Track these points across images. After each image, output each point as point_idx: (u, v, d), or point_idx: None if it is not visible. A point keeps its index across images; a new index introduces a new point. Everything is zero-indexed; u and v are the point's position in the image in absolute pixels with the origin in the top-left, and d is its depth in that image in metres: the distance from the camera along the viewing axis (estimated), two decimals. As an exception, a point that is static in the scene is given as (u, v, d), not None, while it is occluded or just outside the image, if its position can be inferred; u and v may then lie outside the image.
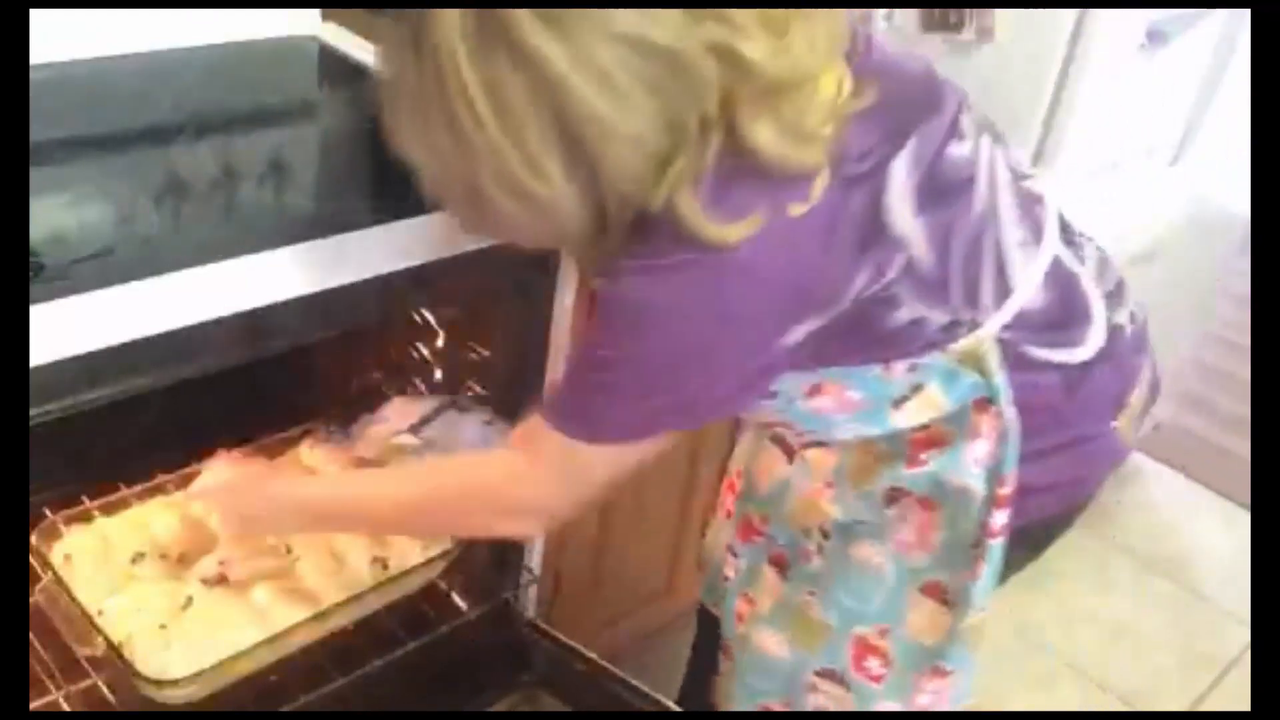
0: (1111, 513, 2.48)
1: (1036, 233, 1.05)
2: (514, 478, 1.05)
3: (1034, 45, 1.84)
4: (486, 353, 1.47)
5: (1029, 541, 1.16)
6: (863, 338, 0.97)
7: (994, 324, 1.01)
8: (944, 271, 0.96)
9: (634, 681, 1.37)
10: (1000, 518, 1.05)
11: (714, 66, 0.82)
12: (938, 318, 0.98)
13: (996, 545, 1.06)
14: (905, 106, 0.95)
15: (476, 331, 1.48)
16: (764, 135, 0.84)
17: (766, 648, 1.21)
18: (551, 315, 1.38)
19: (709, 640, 1.39)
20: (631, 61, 0.80)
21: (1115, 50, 1.87)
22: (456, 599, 1.47)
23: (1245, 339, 2.57)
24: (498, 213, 0.88)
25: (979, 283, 0.99)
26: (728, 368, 0.94)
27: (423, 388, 1.58)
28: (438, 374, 1.57)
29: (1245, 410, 2.48)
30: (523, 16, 0.78)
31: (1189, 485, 2.64)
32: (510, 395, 1.37)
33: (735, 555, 1.27)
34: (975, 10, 1.85)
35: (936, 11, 1.87)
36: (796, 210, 0.87)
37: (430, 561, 1.38)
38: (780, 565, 1.21)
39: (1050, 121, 1.92)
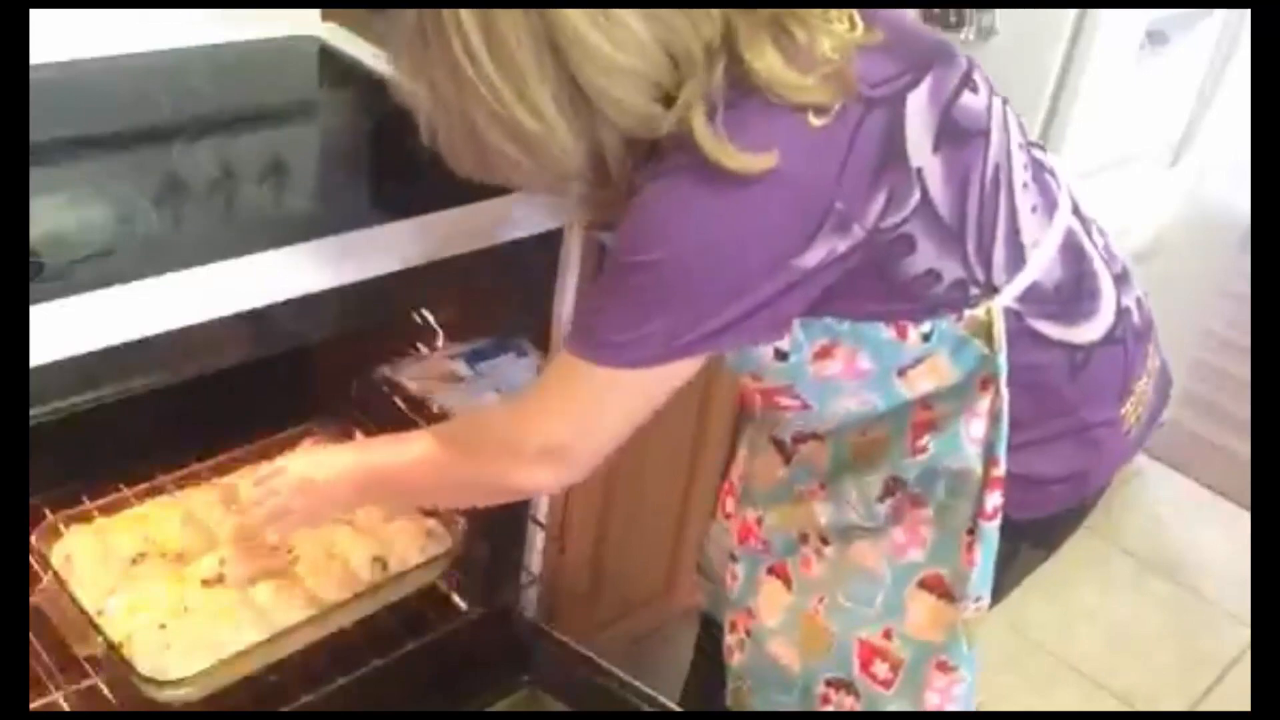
0: (1111, 513, 2.48)
1: (1049, 201, 1.04)
2: (523, 413, 1.01)
3: (1034, 45, 1.84)
4: (486, 353, 1.47)
5: (1045, 538, 1.16)
6: (879, 284, 0.95)
7: (1008, 293, 1.00)
8: (960, 219, 0.95)
9: (634, 681, 1.37)
10: (993, 499, 1.04)
11: None
12: (952, 271, 0.96)
13: (991, 528, 1.05)
14: (919, 50, 0.95)
15: (476, 331, 1.48)
16: (770, 63, 0.84)
17: (780, 660, 1.20)
18: (551, 315, 1.38)
19: (712, 642, 1.39)
20: None
21: (1115, 50, 1.87)
22: (457, 599, 1.47)
23: (1245, 339, 2.57)
24: (496, 153, 0.88)
25: (993, 239, 0.98)
26: (750, 279, 0.91)
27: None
28: (438, 374, 1.57)
29: (1245, 410, 2.48)
30: None
31: (1189, 485, 2.64)
32: (510, 395, 1.37)
33: (734, 560, 1.25)
34: (975, 10, 1.85)
35: (936, 11, 1.87)
36: (817, 122, 0.87)
37: (430, 562, 1.38)
38: (783, 577, 1.19)
39: (1050, 121, 1.92)
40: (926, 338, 0.99)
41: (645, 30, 0.83)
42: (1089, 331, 1.06)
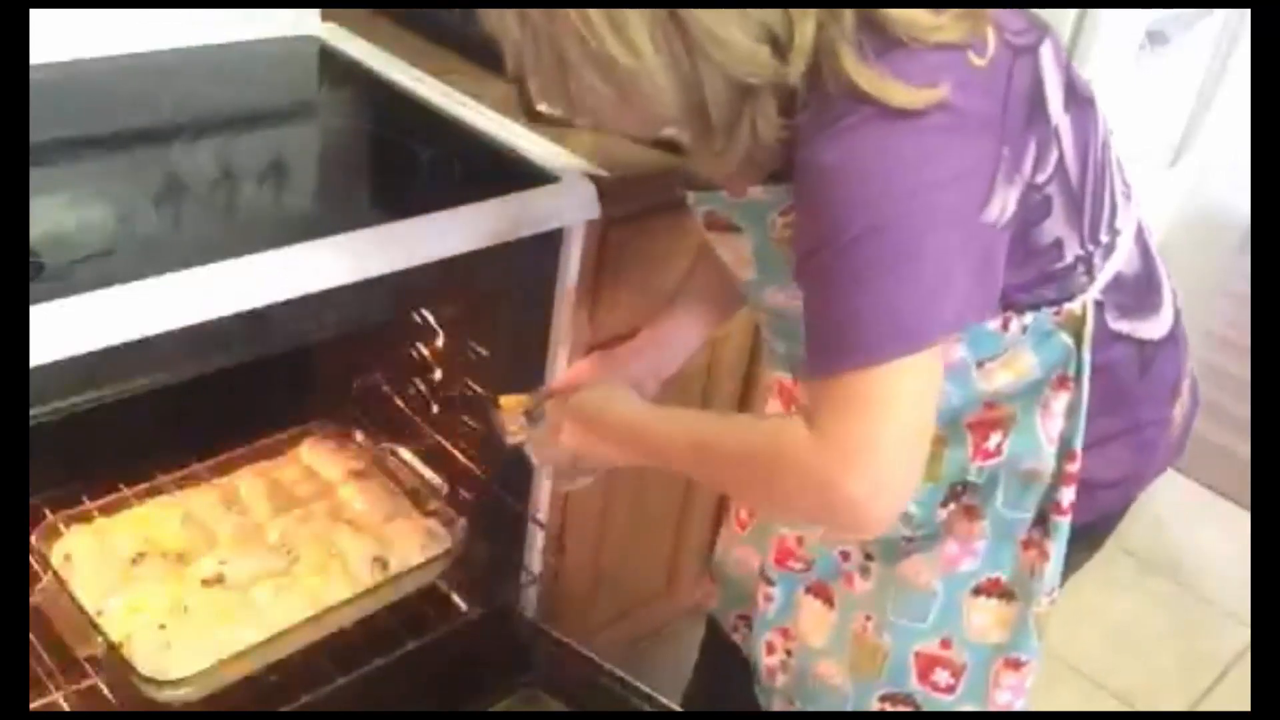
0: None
1: (1127, 188, 1.03)
2: (825, 458, 0.84)
3: (1034, 45, 1.84)
4: (486, 353, 1.47)
5: (1091, 540, 1.15)
6: (1016, 250, 0.89)
7: (1097, 285, 0.98)
8: (1081, 187, 0.93)
9: (634, 681, 1.37)
10: (1068, 495, 1.02)
11: None
12: (1072, 246, 0.94)
13: (1064, 523, 1.03)
14: (1030, 13, 0.91)
15: (476, 331, 1.48)
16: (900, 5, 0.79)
17: (829, 679, 1.18)
18: (551, 315, 1.38)
19: (718, 644, 1.38)
20: None
21: (1115, 50, 1.87)
22: (457, 599, 1.47)
23: (1245, 339, 2.57)
24: (585, 88, 0.83)
25: (1100, 216, 0.96)
26: (968, 222, 0.83)
27: (423, 387, 1.57)
28: (438, 374, 1.57)
29: (1245, 410, 2.48)
30: None
31: (1189, 485, 2.64)
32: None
33: (770, 583, 1.21)
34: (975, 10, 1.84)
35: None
36: (978, 61, 0.82)
37: (430, 562, 1.38)
38: (824, 596, 1.17)
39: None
40: (1024, 330, 0.96)
41: None
42: (1156, 328, 1.06)
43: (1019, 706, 1.13)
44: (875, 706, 1.15)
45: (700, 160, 0.93)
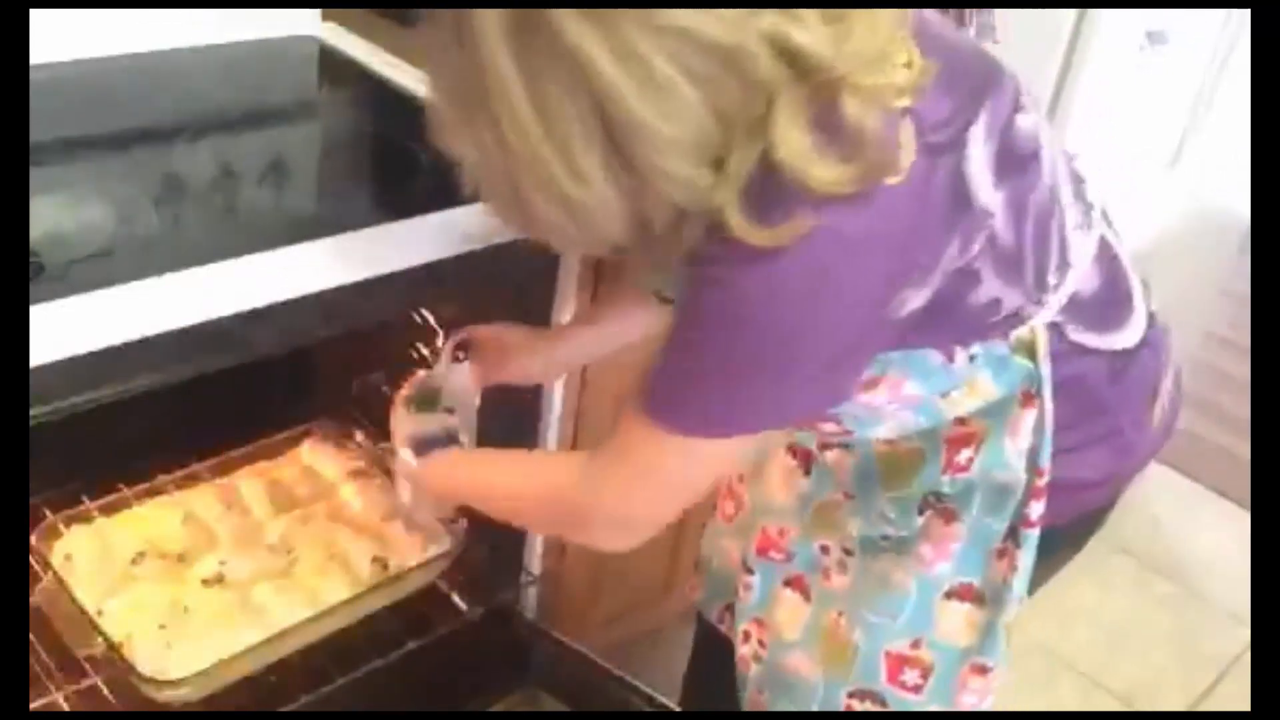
0: (1111, 513, 2.48)
1: (1087, 213, 1.03)
2: (594, 481, 0.99)
3: (1034, 45, 1.84)
4: (486, 353, 1.47)
5: (1075, 539, 1.17)
6: (943, 317, 0.93)
7: (1049, 310, 0.99)
8: (1019, 248, 0.94)
9: (634, 681, 1.37)
10: (1038, 508, 1.04)
11: (770, 61, 0.77)
12: (1012, 299, 0.95)
13: (1034, 535, 1.05)
14: (973, 76, 0.92)
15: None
16: (797, 148, 0.79)
17: (799, 672, 1.19)
18: (551, 315, 1.38)
19: (709, 642, 1.38)
20: (682, 58, 0.76)
21: (1115, 50, 1.87)
22: (457, 599, 1.47)
23: (1245, 339, 2.57)
24: (538, 215, 0.85)
25: (1047, 263, 0.97)
26: (837, 344, 0.89)
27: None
28: (438, 374, 1.57)
29: (1245, 410, 2.48)
30: (564, 13, 0.75)
31: (1189, 485, 2.64)
32: (509, 395, 1.37)
33: (750, 572, 1.23)
34: (976, 10, 1.85)
35: (937, 12, 1.87)
36: (891, 181, 0.82)
37: (430, 562, 1.38)
38: (800, 588, 1.19)
39: (1050, 121, 1.92)
40: (972, 359, 0.98)
41: (694, 94, 0.78)
42: (1127, 337, 1.06)
43: (986, 705, 1.15)
44: (843, 702, 1.16)
45: (640, 264, 0.97)
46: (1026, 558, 1.06)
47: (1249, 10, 2.06)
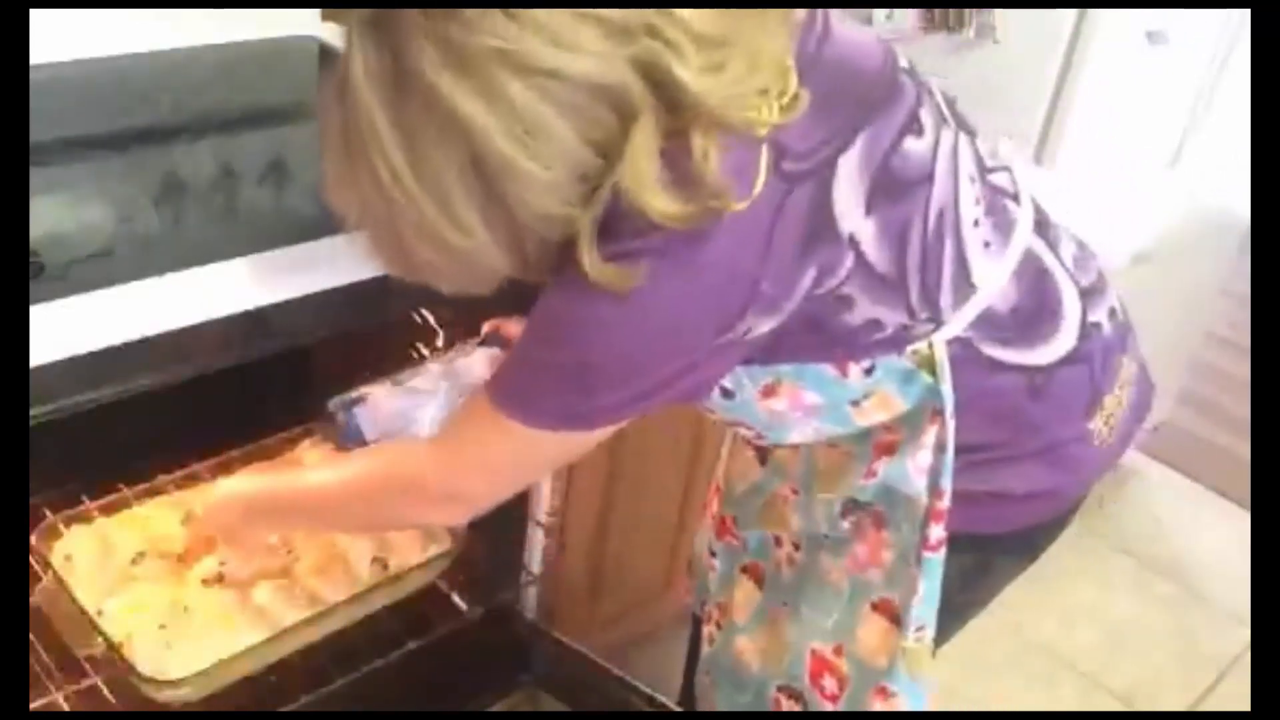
0: (1111, 513, 2.48)
1: (1005, 229, 1.02)
2: (437, 461, 1.02)
3: (1034, 45, 1.84)
4: (486, 353, 1.47)
5: (1023, 548, 1.15)
6: (817, 337, 0.95)
7: (952, 327, 0.99)
8: (900, 272, 0.94)
9: (634, 681, 1.38)
10: (937, 531, 1.03)
11: (642, 90, 0.78)
12: (895, 318, 0.96)
13: (935, 560, 1.04)
14: (855, 103, 0.92)
15: (476, 332, 1.48)
16: (643, 174, 0.80)
17: (743, 657, 1.20)
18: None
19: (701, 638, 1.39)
20: (550, 95, 0.77)
21: (1115, 50, 1.88)
22: (457, 599, 1.47)
23: (1245, 339, 2.57)
24: (423, 261, 0.87)
25: (938, 284, 0.97)
26: (675, 357, 0.91)
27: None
28: (438, 374, 1.57)
29: (1245, 410, 2.48)
30: (429, 59, 0.77)
31: (1189, 485, 2.64)
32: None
33: (713, 555, 1.27)
34: (976, 10, 1.85)
35: (936, 11, 1.88)
36: (737, 206, 0.83)
37: (430, 562, 1.38)
38: (757, 576, 1.20)
39: (1050, 121, 1.92)
40: (869, 373, 0.99)
41: (568, 130, 0.79)
42: (1049, 353, 1.04)
43: None
44: (772, 696, 1.17)
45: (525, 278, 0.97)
46: (928, 583, 1.05)
47: (1249, 10, 2.06)
